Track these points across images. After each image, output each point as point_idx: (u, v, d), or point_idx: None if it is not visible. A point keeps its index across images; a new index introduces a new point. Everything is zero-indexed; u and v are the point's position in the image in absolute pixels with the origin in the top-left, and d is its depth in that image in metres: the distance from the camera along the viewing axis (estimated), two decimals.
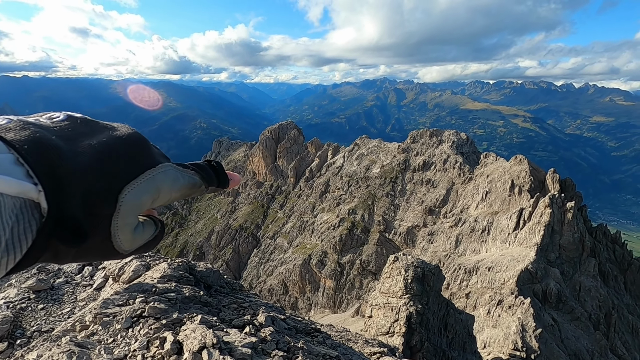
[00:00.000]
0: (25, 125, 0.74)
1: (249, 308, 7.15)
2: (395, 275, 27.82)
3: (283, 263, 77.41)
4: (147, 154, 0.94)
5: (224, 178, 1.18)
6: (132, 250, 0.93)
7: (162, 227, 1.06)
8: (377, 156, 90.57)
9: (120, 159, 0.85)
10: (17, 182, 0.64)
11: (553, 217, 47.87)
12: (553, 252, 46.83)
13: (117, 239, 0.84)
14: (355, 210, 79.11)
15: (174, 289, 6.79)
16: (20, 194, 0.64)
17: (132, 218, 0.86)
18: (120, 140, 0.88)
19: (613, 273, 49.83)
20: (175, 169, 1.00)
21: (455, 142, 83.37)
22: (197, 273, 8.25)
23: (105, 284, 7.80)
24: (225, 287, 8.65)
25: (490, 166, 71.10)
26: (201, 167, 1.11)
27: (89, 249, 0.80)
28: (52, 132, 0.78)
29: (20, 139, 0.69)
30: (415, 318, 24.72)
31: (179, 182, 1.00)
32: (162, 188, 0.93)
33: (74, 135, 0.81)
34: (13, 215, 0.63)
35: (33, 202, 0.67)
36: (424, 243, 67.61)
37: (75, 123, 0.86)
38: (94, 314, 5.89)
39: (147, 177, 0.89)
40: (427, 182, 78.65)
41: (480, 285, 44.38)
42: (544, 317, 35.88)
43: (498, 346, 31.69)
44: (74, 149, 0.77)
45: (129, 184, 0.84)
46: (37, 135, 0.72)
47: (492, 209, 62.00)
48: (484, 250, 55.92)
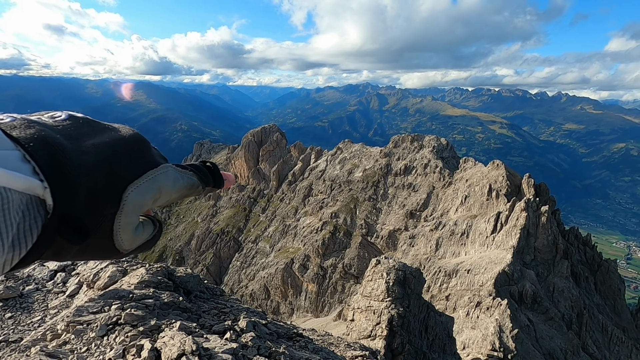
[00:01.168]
0: (30, 123, 0.75)
1: (230, 313, 7.04)
2: (377, 278, 28.01)
3: (265, 267, 76.64)
4: (148, 155, 0.96)
5: (219, 178, 1.20)
6: (131, 249, 0.94)
7: (160, 227, 1.07)
8: (360, 160, 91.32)
9: (123, 159, 0.87)
10: (24, 178, 0.64)
11: (528, 220, 49.48)
12: (528, 255, 48.34)
13: (119, 238, 0.86)
14: (337, 214, 79.35)
15: (152, 295, 6.61)
16: (27, 190, 0.65)
17: (134, 217, 0.88)
18: (123, 141, 0.90)
19: (584, 274, 51.87)
20: (175, 170, 1.03)
21: (436, 147, 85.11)
22: (177, 278, 8.07)
23: (79, 290, 7.51)
24: (205, 293, 8.49)
25: (469, 171, 72.92)
26: (198, 168, 1.14)
27: (90, 247, 0.81)
28: (56, 130, 0.79)
29: (26, 136, 0.70)
30: (396, 321, 24.93)
31: (179, 182, 1.03)
32: (163, 188, 0.96)
33: (76, 134, 0.82)
34: (20, 211, 0.64)
35: (39, 198, 0.68)
36: (405, 246, 68.45)
37: (78, 123, 0.87)
38: (67, 322, 5.65)
39: (150, 177, 0.91)
40: (408, 186, 79.84)
41: (459, 288, 45.28)
42: (520, 317, 36.91)
43: (477, 347, 32.33)
44: (78, 148, 0.78)
45: (132, 183, 0.86)
46: (42, 134, 0.73)
47: (471, 213, 63.52)
48: (463, 253, 57.13)
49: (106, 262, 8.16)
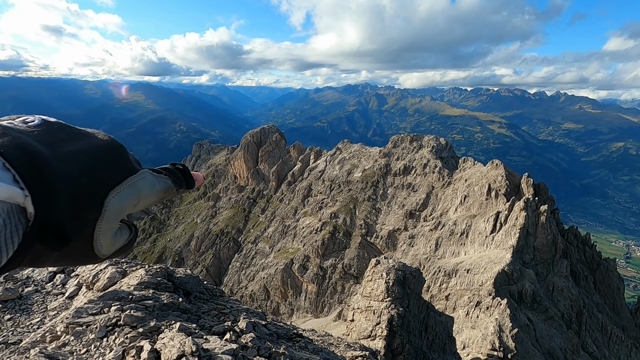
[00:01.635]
0: (5, 130, 0.75)
1: (230, 314, 7.04)
2: (377, 278, 28.01)
3: (265, 268, 76.60)
4: (126, 161, 0.98)
5: (190, 180, 1.26)
6: (109, 254, 0.95)
7: (135, 232, 1.09)
8: (359, 160, 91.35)
9: (103, 165, 0.88)
10: (6, 187, 0.64)
11: (528, 220, 49.54)
12: (528, 254, 48.40)
13: (98, 243, 0.87)
14: (337, 214, 79.35)
15: (152, 296, 6.60)
16: (8, 198, 0.65)
17: (114, 223, 0.90)
18: (101, 148, 0.91)
19: (584, 273, 51.94)
20: (152, 175, 1.06)
21: (435, 147, 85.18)
22: (176, 279, 8.06)
23: (78, 292, 7.49)
24: (205, 294, 8.48)
25: (469, 170, 72.98)
26: (171, 171, 1.18)
27: (69, 253, 0.81)
28: (32, 137, 0.78)
29: (4, 143, 0.70)
30: (396, 321, 24.93)
31: (156, 187, 1.06)
32: (142, 193, 0.98)
33: (52, 140, 0.82)
34: (0, 219, 0.64)
35: (19, 206, 0.68)
36: (404, 246, 68.47)
37: (52, 128, 0.87)
38: (66, 324, 5.64)
39: (130, 183, 0.93)
40: (407, 186, 79.87)
41: (459, 287, 45.31)
42: (520, 317, 36.95)
43: (477, 347, 32.35)
44: (57, 155, 0.78)
45: (113, 189, 0.88)
46: (20, 141, 0.72)
47: (471, 213, 63.57)
48: (463, 253, 57.17)
49: (105, 263, 8.15)
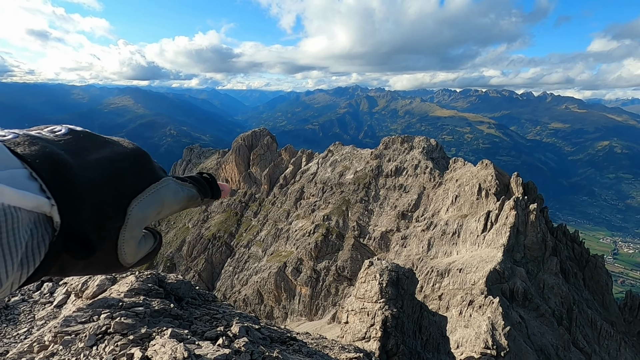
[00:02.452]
0: (33, 139, 0.75)
1: (222, 319, 6.98)
2: (371, 280, 28.06)
3: (258, 272, 76.13)
4: (150, 168, 0.97)
5: (216, 189, 1.25)
6: (134, 262, 0.95)
7: (160, 240, 1.09)
8: (351, 162, 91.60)
9: (127, 173, 0.88)
10: (33, 196, 0.65)
11: (518, 218, 50.20)
12: (518, 252, 49.00)
13: (123, 252, 0.86)
14: (329, 216, 79.36)
15: (143, 303, 6.51)
16: (35, 208, 0.66)
17: (138, 231, 0.89)
18: (125, 155, 0.91)
19: (573, 270, 52.77)
20: (175, 183, 1.04)
21: (426, 148, 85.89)
22: (167, 285, 7.97)
23: (66, 300, 7.35)
24: (197, 299, 8.40)
25: (459, 171, 73.72)
26: (196, 180, 1.17)
27: (94, 261, 0.81)
28: (59, 146, 0.79)
29: (31, 153, 0.71)
30: (390, 322, 24.98)
31: (180, 195, 1.05)
32: (165, 201, 0.97)
33: (78, 149, 0.82)
34: (28, 229, 0.65)
35: (46, 216, 0.69)
36: (397, 247, 68.76)
37: (79, 137, 0.87)
38: (54, 333, 5.53)
39: (153, 191, 0.93)
40: (399, 187, 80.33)
41: (452, 287, 45.62)
42: (512, 315, 37.34)
43: (470, 345, 32.58)
44: (82, 164, 0.78)
45: (136, 197, 0.87)
46: (47, 150, 0.73)
47: (462, 212, 64.17)
48: (455, 253, 57.63)
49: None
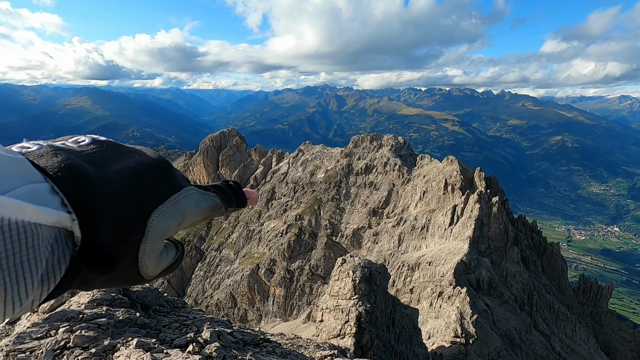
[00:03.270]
0: (57, 151, 0.73)
1: (193, 325, 6.77)
2: (344, 277, 28.33)
3: (230, 275, 74.68)
4: (171, 178, 0.93)
5: (242, 197, 1.17)
6: (155, 275, 0.92)
7: (182, 250, 1.04)
8: (322, 161, 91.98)
9: (147, 184, 0.85)
10: (55, 212, 0.63)
11: (482, 211, 52.57)
12: (483, 244, 51.35)
13: (144, 265, 0.84)
14: (302, 215, 79.27)
15: (105, 314, 6.18)
16: (56, 223, 0.64)
17: (159, 243, 0.86)
18: (147, 166, 0.88)
19: (532, 258, 56.05)
20: (197, 192, 1.00)
21: (394, 145, 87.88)
22: (133, 294, 7.61)
23: (20, 316, 6.84)
24: (165, 306, 8.09)
25: (426, 167, 76.08)
26: (220, 188, 1.11)
27: (115, 275, 0.79)
28: (82, 157, 0.77)
29: (53, 165, 0.69)
30: (364, 317, 25.35)
31: (202, 205, 1.00)
32: (187, 212, 0.93)
33: (101, 160, 0.81)
34: (49, 245, 0.63)
35: (67, 230, 0.67)
36: (369, 244, 69.91)
37: (102, 147, 0.86)
38: (6, 352, 5.12)
39: (173, 202, 0.89)
40: (369, 184, 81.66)
41: (422, 280, 47.04)
42: (479, 303, 39.09)
43: (441, 335, 33.77)
44: (104, 175, 0.76)
45: (156, 209, 0.84)
46: (69, 162, 0.71)
47: (430, 207, 66.29)
48: (424, 247, 59.46)
49: None
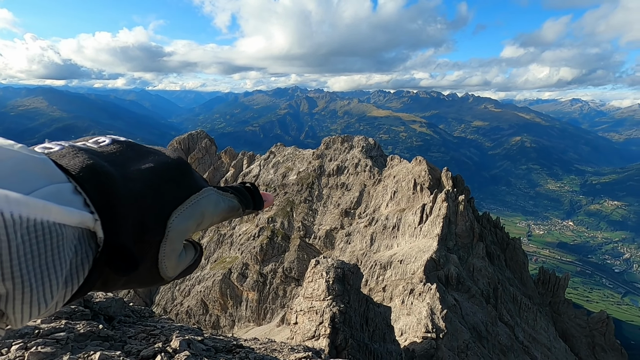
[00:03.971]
0: (78, 151, 0.73)
1: (161, 335, 6.50)
2: (317, 278, 28.35)
3: (201, 281, 72.62)
4: (190, 179, 0.93)
5: (259, 200, 1.17)
6: (175, 276, 0.91)
7: (201, 251, 1.04)
8: (293, 163, 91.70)
9: (167, 184, 0.84)
10: (78, 213, 0.63)
11: (449, 209, 54.47)
12: (451, 240, 53.20)
13: (163, 266, 0.83)
14: (274, 218, 78.58)
15: (64, 327, 5.80)
16: (79, 224, 0.64)
17: (178, 244, 0.85)
18: (166, 166, 0.87)
19: (496, 253, 58.77)
20: (216, 193, 1.00)
21: (365, 146, 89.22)
22: (95, 305, 7.21)
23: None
24: (131, 316, 7.72)
25: (396, 168, 77.84)
26: (238, 190, 1.11)
27: (136, 276, 0.79)
28: (102, 157, 0.77)
29: (75, 166, 0.69)
30: (338, 318, 25.49)
31: (220, 206, 1.00)
32: (205, 212, 0.93)
33: (121, 160, 0.81)
34: (72, 246, 0.63)
35: (89, 231, 0.67)
36: (342, 244, 70.45)
37: (122, 147, 0.86)
38: None
39: (192, 202, 0.89)
40: (341, 185, 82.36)
41: (394, 278, 48.00)
42: (448, 298, 40.41)
43: (413, 331, 34.57)
44: (124, 175, 0.76)
45: (176, 209, 0.83)
46: (90, 162, 0.71)
47: (400, 207, 67.84)
48: (396, 245, 60.73)
49: None
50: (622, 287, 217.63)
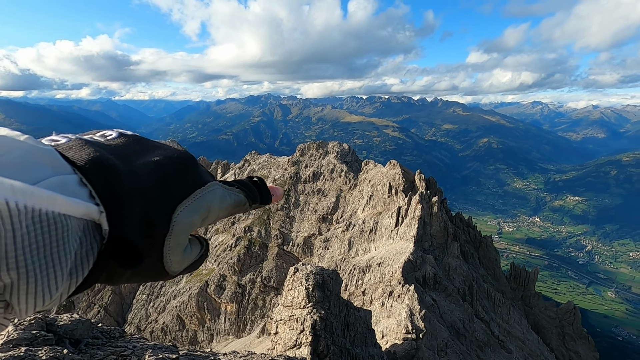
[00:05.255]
0: (85, 144, 0.74)
1: (132, 355, 6.19)
2: (297, 286, 28.04)
3: (177, 295, 70.09)
4: (196, 173, 0.93)
5: (266, 194, 1.16)
6: (180, 271, 0.91)
7: (207, 246, 1.04)
8: (269, 171, 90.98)
9: (173, 178, 0.84)
10: (84, 204, 0.63)
11: (423, 211, 55.70)
12: (426, 241, 54.35)
13: (168, 260, 0.83)
14: (251, 227, 77.41)
15: (24, 355, 5.40)
16: (84, 215, 0.64)
17: (183, 238, 0.85)
18: (173, 160, 0.87)
19: (470, 251, 60.58)
20: (222, 188, 1.00)
21: (339, 152, 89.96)
22: (59, 328, 6.76)
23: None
24: (100, 338, 7.30)
25: (371, 172, 78.90)
26: (244, 184, 1.10)
27: (141, 270, 0.79)
28: (109, 150, 0.77)
29: (82, 158, 0.69)
30: (319, 325, 25.26)
31: (226, 200, 1.00)
32: (211, 207, 0.92)
33: (127, 153, 0.80)
34: (77, 237, 0.63)
35: (94, 223, 0.67)
36: (320, 250, 70.31)
37: (129, 141, 0.85)
38: None
39: (198, 197, 0.88)
40: (318, 191, 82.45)
41: (373, 281, 48.33)
42: (426, 299, 41.11)
43: (393, 333, 34.83)
44: (131, 169, 0.76)
45: (181, 203, 0.83)
46: (97, 155, 0.71)
47: (376, 210, 68.68)
48: (373, 249, 61.30)
49: None
50: (586, 277, 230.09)
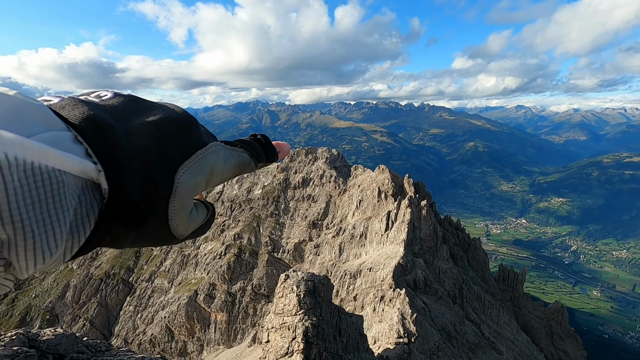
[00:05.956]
0: (78, 102, 0.72)
1: None
2: (288, 293, 27.80)
3: (165, 306, 68.69)
4: (196, 134, 0.91)
5: (272, 151, 1.15)
6: (187, 234, 0.90)
7: (213, 211, 1.03)
8: (258, 177, 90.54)
9: (172, 139, 0.82)
10: (79, 160, 0.61)
11: (413, 215, 56.13)
12: (416, 245, 54.71)
13: (174, 223, 0.82)
14: (241, 234, 76.66)
15: None
16: (82, 173, 0.62)
17: (188, 200, 0.84)
18: (171, 120, 0.85)
19: (459, 254, 61.16)
20: (224, 148, 0.99)
21: (329, 158, 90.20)
22: (42, 344, 6.55)
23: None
24: (85, 352, 7.10)
25: (360, 177, 79.26)
26: (248, 143, 1.10)
27: (147, 233, 0.78)
28: (104, 109, 0.75)
29: (76, 116, 0.67)
30: (311, 332, 25.07)
31: (230, 161, 0.99)
32: (214, 168, 0.91)
33: (124, 114, 0.78)
34: (75, 195, 0.61)
35: (93, 182, 0.65)
36: (311, 256, 70.01)
37: (125, 101, 0.83)
38: None
39: (200, 157, 0.86)
40: (307, 197, 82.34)
41: (364, 286, 48.31)
42: (417, 302, 41.26)
43: (385, 338, 34.76)
44: (128, 129, 0.74)
45: (182, 164, 0.82)
46: (91, 113, 0.69)
47: (366, 215, 68.89)
48: (364, 253, 61.36)
49: None
50: (572, 277, 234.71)
